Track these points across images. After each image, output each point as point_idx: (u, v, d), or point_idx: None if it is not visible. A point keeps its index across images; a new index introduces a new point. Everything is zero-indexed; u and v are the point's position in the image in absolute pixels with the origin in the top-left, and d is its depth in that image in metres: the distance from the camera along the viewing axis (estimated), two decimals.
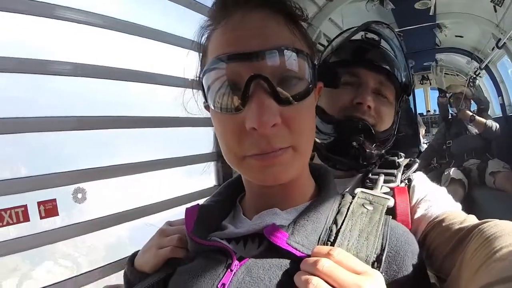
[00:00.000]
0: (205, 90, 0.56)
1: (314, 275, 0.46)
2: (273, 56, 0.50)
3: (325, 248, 0.50)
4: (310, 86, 0.54)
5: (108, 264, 1.16)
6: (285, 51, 0.51)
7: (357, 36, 0.98)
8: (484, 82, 4.49)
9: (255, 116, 0.49)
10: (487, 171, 3.11)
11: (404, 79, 0.92)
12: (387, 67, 0.89)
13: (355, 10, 2.78)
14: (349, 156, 0.87)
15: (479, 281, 0.44)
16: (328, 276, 0.46)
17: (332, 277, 0.45)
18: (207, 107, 0.60)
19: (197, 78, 0.61)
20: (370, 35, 0.98)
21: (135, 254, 0.74)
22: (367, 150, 0.86)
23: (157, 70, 1.30)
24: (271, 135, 0.50)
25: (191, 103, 0.68)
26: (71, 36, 1.13)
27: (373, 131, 0.85)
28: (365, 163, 0.88)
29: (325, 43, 1.07)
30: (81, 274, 1.10)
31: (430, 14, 3.15)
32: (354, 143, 0.84)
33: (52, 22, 1.00)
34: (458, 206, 0.76)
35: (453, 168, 3.32)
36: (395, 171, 0.87)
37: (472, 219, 0.65)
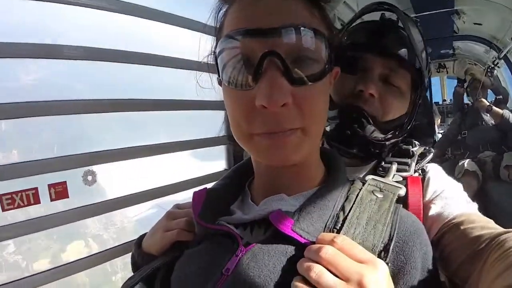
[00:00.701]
0: (219, 65, 0.54)
1: (317, 262, 0.46)
2: (289, 34, 0.49)
3: (329, 235, 0.50)
4: (326, 68, 0.53)
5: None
6: (302, 29, 0.49)
7: (376, 17, 0.91)
8: (502, 72, 4.37)
9: (266, 94, 0.48)
10: (502, 164, 3.05)
11: (421, 66, 0.83)
12: (400, 51, 0.82)
13: None
14: (347, 144, 0.84)
15: (499, 284, 0.43)
16: (330, 264, 0.45)
17: (334, 265, 0.45)
18: (220, 82, 0.59)
19: (212, 53, 0.59)
20: (387, 15, 0.90)
21: (142, 237, 0.75)
22: (372, 138, 0.82)
23: (169, 53, 1.28)
24: (281, 114, 0.49)
25: (204, 86, 0.67)
26: (82, 21, 1.13)
27: (370, 121, 0.80)
28: (372, 150, 0.85)
29: (339, 27, 1.02)
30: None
31: None
32: (348, 132, 0.81)
33: (63, 7, 1.00)
34: (475, 206, 0.74)
35: (467, 160, 3.26)
36: (408, 160, 0.84)
37: (492, 225, 0.63)
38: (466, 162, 3.19)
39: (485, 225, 0.63)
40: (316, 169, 0.64)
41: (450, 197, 0.74)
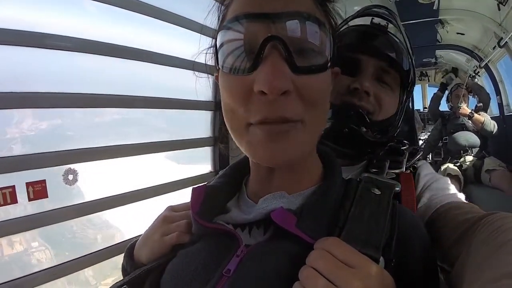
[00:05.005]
0: (218, 52, 0.52)
1: (317, 271, 0.44)
2: (294, 21, 0.47)
3: (326, 241, 0.48)
4: (328, 62, 0.51)
5: None
6: (307, 17, 0.47)
7: (366, 22, 0.95)
8: (483, 81, 4.50)
9: (266, 79, 0.44)
10: (483, 168, 3.12)
11: (409, 68, 0.88)
12: (391, 53, 0.85)
13: (359, 1, 2.74)
14: (342, 143, 0.84)
15: (490, 273, 0.41)
16: (325, 274, 0.43)
17: (328, 275, 0.43)
18: (217, 77, 0.56)
19: (212, 46, 0.57)
20: (377, 20, 0.94)
21: (132, 247, 0.69)
22: (365, 136, 0.83)
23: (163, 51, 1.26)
24: (280, 102, 0.46)
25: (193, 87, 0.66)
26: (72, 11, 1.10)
27: (367, 119, 0.82)
28: (362, 151, 0.87)
29: None
30: None
31: (434, 8, 3.11)
32: (346, 130, 0.82)
33: None
34: (462, 196, 0.75)
35: (449, 164, 3.36)
36: (400, 158, 0.85)
37: (477, 210, 0.63)
38: (448, 167, 3.27)
39: (471, 210, 0.63)
40: (314, 167, 0.62)
41: (438, 188, 0.76)
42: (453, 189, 0.78)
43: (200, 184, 0.63)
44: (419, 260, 0.53)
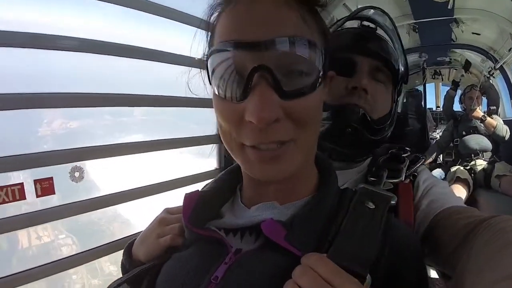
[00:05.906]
0: (209, 72, 0.53)
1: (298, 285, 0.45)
2: (280, 47, 0.47)
3: (312, 257, 0.48)
4: (319, 78, 0.51)
5: None
6: (294, 41, 0.48)
7: (354, 25, 0.99)
8: (497, 83, 4.40)
9: (255, 110, 0.46)
10: (493, 173, 3.07)
11: (401, 67, 0.91)
12: (383, 53, 0.88)
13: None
14: (342, 144, 0.87)
15: (491, 275, 0.42)
16: None
17: None
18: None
19: (205, 58, 0.57)
20: (366, 23, 0.97)
21: (130, 245, 0.72)
22: (367, 135, 0.85)
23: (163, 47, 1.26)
24: (271, 129, 0.48)
25: (195, 83, 0.66)
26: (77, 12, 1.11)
27: (368, 117, 0.84)
28: (361, 151, 0.89)
29: None
30: None
31: (449, 7, 3.04)
32: (349, 130, 0.84)
33: None
34: (461, 200, 0.76)
35: (459, 167, 3.30)
36: (400, 166, 0.85)
37: (478, 213, 0.63)
38: (457, 170, 3.22)
39: (472, 214, 0.63)
40: (309, 177, 0.63)
41: (438, 192, 0.77)
42: (452, 193, 0.79)
43: (192, 186, 0.65)
44: (411, 278, 0.53)
